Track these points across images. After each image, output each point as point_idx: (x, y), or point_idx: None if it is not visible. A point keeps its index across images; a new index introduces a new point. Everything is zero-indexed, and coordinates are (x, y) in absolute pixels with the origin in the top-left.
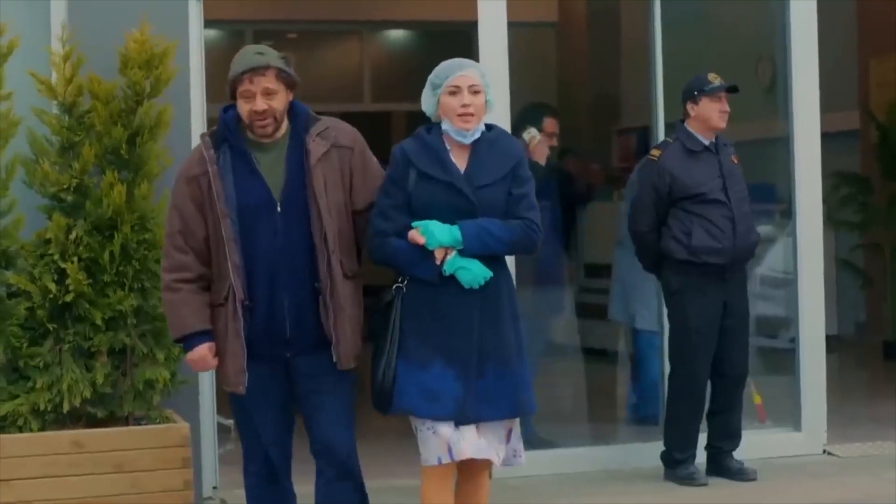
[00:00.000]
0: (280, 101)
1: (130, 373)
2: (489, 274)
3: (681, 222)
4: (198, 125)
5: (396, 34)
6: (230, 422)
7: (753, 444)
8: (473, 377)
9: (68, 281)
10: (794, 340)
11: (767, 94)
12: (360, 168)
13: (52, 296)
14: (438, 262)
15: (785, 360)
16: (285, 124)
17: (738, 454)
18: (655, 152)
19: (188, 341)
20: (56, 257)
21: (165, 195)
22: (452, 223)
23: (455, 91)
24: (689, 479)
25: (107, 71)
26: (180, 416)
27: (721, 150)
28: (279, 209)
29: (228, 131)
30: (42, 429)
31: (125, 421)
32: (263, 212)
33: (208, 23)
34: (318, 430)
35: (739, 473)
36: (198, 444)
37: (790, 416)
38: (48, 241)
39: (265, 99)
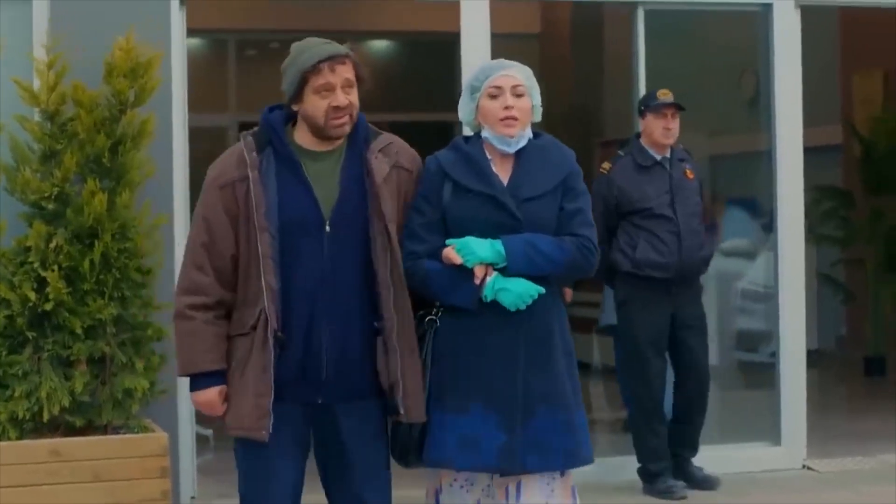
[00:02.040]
0: (356, 96)
1: (109, 382)
2: (535, 290)
3: (628, 235)
4: (179, 134)
5: (379, 44)
6: (209, 431)
7: (733, 458)
8: (519, 421)
9: (48, 289)
10: (774, 354)
11: (750, 108)
12: (414, 193)
13: (31, 304)
14: (478, 282)
15: (765, 374)
16: None
17: (718, 468)
18: (606, 165)
19: (197, 380)
20: (36, 265)
21: (147, 204)
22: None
23: (496, 93)
24: (667, 493)
25: (91, 79)
26: (159, 426)
27: (674, 165)
28: (328, 228)
29: (274, 133)
30: (20, 437)
31: (104, 430)
32: (309, 229)
33: (190, 31)
34: (348, 490)
35: (704, 481)
36: (176, 453)
37: (770, 430)
38: (28, 249)
39: (345, 93)
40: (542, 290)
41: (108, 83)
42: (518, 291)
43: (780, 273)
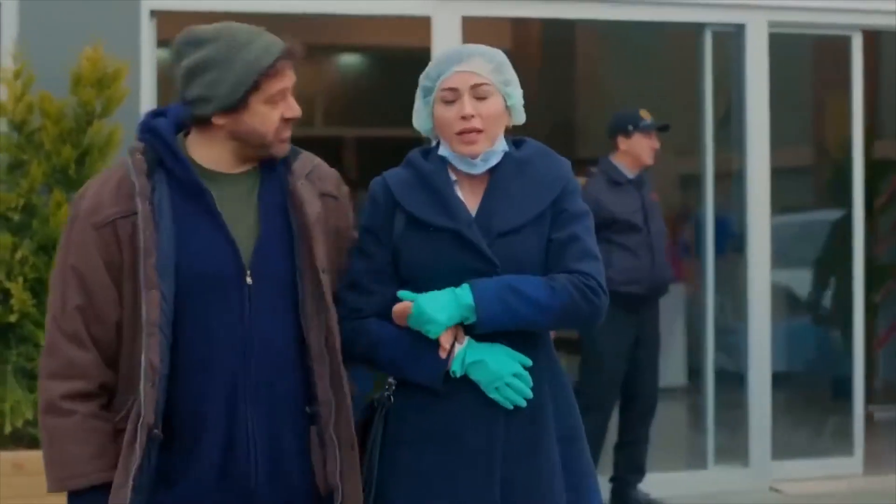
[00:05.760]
0: None
1: None
2: (518, 368)
3: (601, 252)
4: None
5: (350, 59)
6: None
7: (700, 480)
8: None
9: (13, 301)
10: (742, 376)
11: (720, 129)
12: (346, 227)
13: None
14: (444, 354)
15: (733, 395)
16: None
17: (683, 490)
18: (582, 180)
19: (82, 498)
20: (1, 277)
21: None
22: None
23: (450, 97)
24: None
25: (58, 89)
26: None
27: (644, 185)
28: (249, 280)
29: (167, 150)
30: None
31: None
32: (224, 283)
33: (160, 43)
34: None
35: None
36: None
37: (737, 451)
38: None
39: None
40: (529, 361)
41: (75, 94)
42: (493, 370)
43: (748, 294)
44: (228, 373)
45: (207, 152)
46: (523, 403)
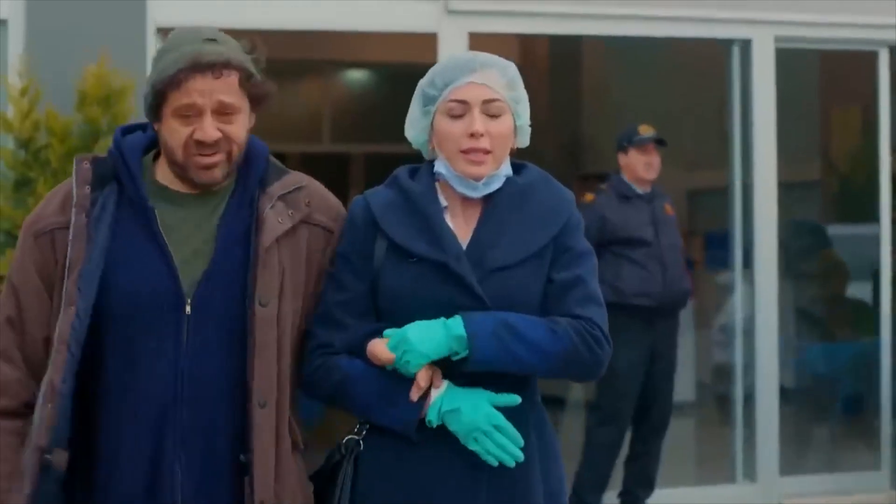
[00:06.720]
0: (241, 126)
1: None
2: (500, 420)
3: (610, 265)
4: None
5: (356, 74)
6: None
7: (708, 496)
8: None
9: None
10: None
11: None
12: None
13: None
14: (415, 398)
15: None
16: None
17: None
18: (589, 196)
19: None
20: None
21: None
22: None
23: (459, 111)
24: None
25: (64, 105)
26: None
27: (655, 199)
28: (188, 310)
29: (123, 165)
30: None
31: None
32: (159, 311)
33: None
34: None
35: None
36: None
37: (746, 467)
38: (1, 279)
39: (219, 121)
40: (517, 399)
41: (81, 111)
42: (471, 417)
43: (755, 309)
44: (154, 407)
45: (164, 169)
46: (510, 462)
